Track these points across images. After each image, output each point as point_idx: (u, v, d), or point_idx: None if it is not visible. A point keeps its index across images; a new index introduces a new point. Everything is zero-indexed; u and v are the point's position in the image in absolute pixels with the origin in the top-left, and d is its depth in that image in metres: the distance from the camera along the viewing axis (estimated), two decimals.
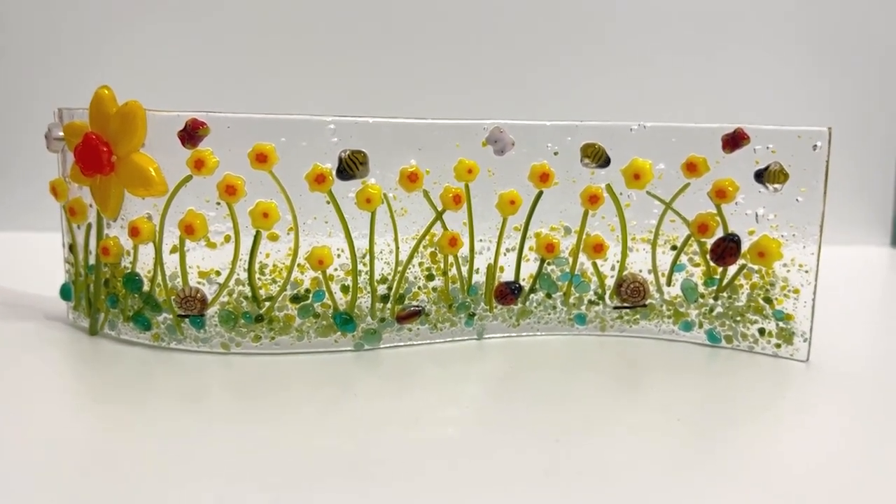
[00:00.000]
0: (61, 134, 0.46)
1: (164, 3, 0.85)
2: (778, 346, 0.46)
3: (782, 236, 0.45)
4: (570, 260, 0.48)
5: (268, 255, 0.43)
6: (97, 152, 0.42)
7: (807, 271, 0.44)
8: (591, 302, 0.49)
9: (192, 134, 0.41)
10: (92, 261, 0.47)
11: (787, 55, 0.89)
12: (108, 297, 0.46)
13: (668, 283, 0.48)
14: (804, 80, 0.90)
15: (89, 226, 0.46)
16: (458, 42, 0.87)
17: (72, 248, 0.48)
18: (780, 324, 0.46)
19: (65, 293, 0.49)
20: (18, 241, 0.81)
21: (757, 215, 0.45)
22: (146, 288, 0.44)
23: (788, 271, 0.45)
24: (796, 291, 0.45)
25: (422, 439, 0.34)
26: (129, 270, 0.45)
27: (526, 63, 0.88)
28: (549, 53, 0.88)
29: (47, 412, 0.37)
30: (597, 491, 0.30)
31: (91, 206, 0.46)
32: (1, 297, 0.55)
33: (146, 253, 0.44)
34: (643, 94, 0.87)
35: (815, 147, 0.43)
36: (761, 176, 0.45)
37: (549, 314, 0.49)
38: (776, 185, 0.44)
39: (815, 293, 0.44)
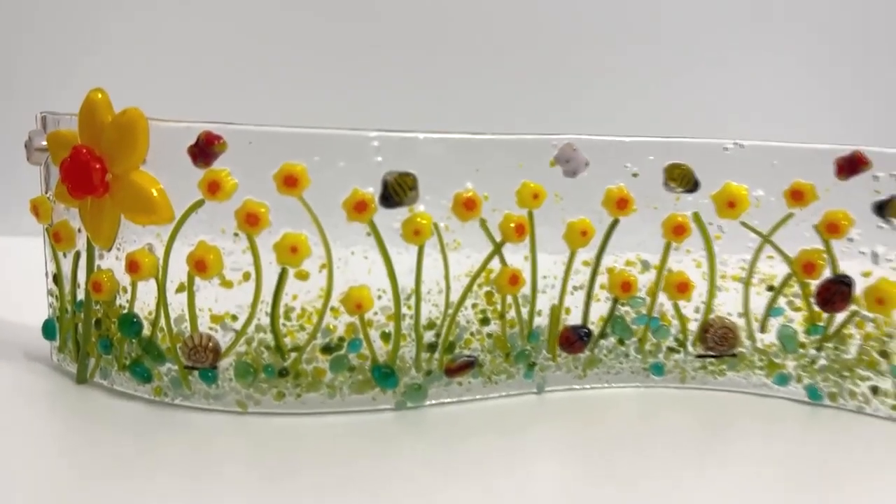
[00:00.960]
0: (45, 144, 0.39)
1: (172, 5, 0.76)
2: (894, 407, 0.39)
3: None
4: (648, 300, 0.42)
5: (295, 298, 0.36)
6: (88, 170, 0.35)
7: None
8: (670, 349, 0.42)
9: (205, 150, 0.35)
10: (81, 296, 0.39)
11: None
12: (100, 340, 0.38)
13: (763, 330, 0.42)
14: None
15: (77, 254, 0.39)
16: (520, 45, 0.77)
17: (56, 278, 0.41)
18: None
19: (48, 331, 0.41)
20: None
21: (875, 255, 0.39)
22: (146, 332, 0.37)
23: None
24: None
25: None
26: (125, 311, 0.37)
27: (600, 68, 0.77)
28: (626, 57, 0.78)
29: (25, 483, 0.31)
30: None
31: (80, 230, 0.38)
32: None
33: (147, 290, 0.37)
34: (736, 106, 0.79)
35: None
36: (883, 208, 0.39)
37: (621, 363, 0.42)
38: None
39: None
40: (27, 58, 0.76)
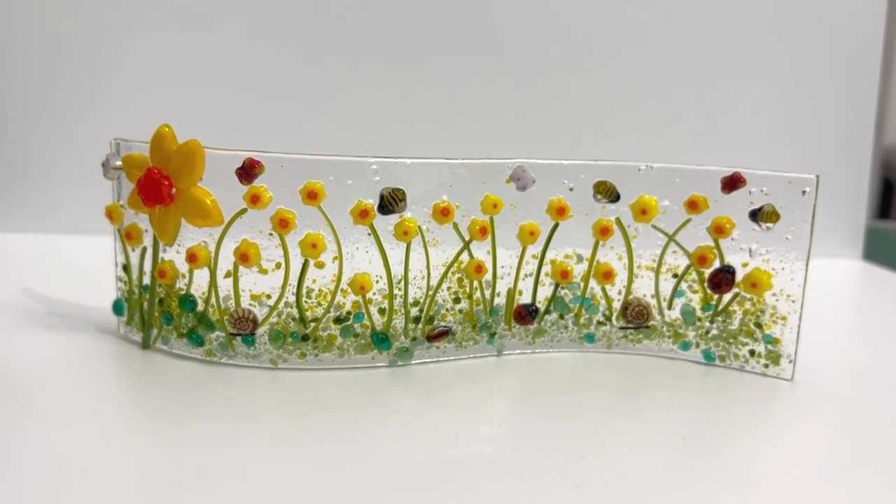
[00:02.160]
0: (119, 164, 0.49)
1: (216, 53, 0.91)
2: (766, 366, 0.51)
3: (772, 269, 0.50)
4: (582, 285, 0.53)
5: (314, 281, 0.47)
6: (159, 186, 0.46)
7: (793, 301, 0.50)
8: (599, 323, 0.54)
9: (248, 171, 0.45)
10: (146, 281, 0.50)
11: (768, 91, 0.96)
12: (163, 314, 0.49)
13: (669, 307, 0.53)
14: (784, 102, 0.96)
15: (144, 249, 0.50)
16: (485, 90, 0.95)
17: (125, 267, 0.52)
18: (769, 346, 0.51)
19: (117, 308, 0.52)
20: (69, 245, 0.83)
21: (750, 250, 0.50)
22: (200, 308, 0.48)
23: (777, 300, 0.50)
24: (784, 318, 0.50)
25: (465, 456, 0.38)
26: (183, 292, 0.49)
27: (547, 107, 0.96)
28: (568, 99, 0.96)
29: (105, 425, 0.40)
30: (623, 501, 0.35)
31: (147, 230, 0.49)
32: (52, 308, 0.59)
33: (201, 276, 0.48)
34: (652, 138, 0.94)
35: (803, 192, 0.48)
36: (755, 215, 0.49)
37: (562, 333, 0.54)
38: (768, 224, 0.49)
39: (800, 320, 0.50)
40: (99, 93, 0.91)
